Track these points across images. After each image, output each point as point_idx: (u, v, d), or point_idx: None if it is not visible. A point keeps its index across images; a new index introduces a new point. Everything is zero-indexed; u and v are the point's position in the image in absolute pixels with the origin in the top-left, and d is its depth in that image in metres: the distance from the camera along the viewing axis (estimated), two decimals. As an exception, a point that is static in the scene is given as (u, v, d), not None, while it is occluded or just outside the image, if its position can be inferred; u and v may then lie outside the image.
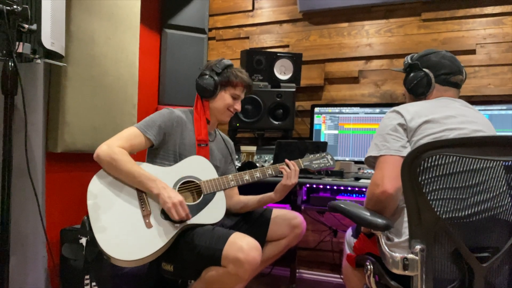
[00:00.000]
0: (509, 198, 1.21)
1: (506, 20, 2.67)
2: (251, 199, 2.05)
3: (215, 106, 2.00)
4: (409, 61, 1.67)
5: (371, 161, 1.48)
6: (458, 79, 1.57)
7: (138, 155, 1.95)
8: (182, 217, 1.67)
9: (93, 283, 2.08)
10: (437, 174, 1.14)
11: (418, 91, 1.60)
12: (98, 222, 1.64)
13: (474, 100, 2.62)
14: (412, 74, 1.62)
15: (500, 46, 2.69)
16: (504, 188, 1.20)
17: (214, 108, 2.00)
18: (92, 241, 1.59)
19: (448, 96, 1.56)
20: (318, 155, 2.02)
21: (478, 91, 2.72)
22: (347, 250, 1.73)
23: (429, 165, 1.12)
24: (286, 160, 1.94)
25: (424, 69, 1.58)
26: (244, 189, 2.11)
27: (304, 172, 2.01)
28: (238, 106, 2.02)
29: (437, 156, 1.11)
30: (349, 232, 1.79)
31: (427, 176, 1.13)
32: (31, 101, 1.94)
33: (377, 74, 3.00)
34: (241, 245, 1.59)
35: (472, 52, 2.75)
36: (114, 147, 1.73)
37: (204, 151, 1.95)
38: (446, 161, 1.12)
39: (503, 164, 1.17)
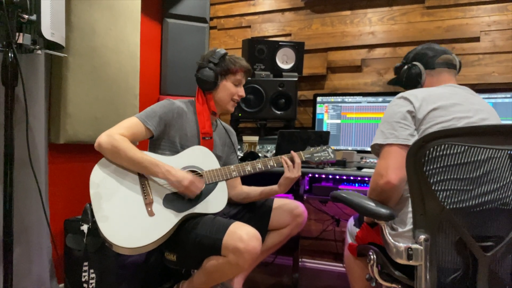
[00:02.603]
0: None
1: (511, 7, 2.64)
2: (253, 190, 2.05)
3: (219, 96, 1.99)
4: (397, 65, 1.75)
5: (377, 149, 1.46)
6: (445, 58, 1.58)
7: (140, 147, 1.94)
8: (197, 193, 1.73)
9: (91, 271, 2.10)
10: (442, 165, 1.13)
11: (411, 83, 1.64)
12: (100, 210, 1.64)
13: (478, 88, 2.60)
14: (401, 72, 1.69)
15: (505, 33, 2.65)
16: (510, 178, 1.19)
17: (218, 99, 2.00)
18: (95, 230, 1.61)
19: (446, 79, 1.56)
20: (319, 148, 2.02)
21: (482, 79, 2.70)
22: (349, 240, 1.74)
23: (435, 155, 1.11)
24: (292, 152, 1.94)
25: (411, 63, 1.65)
26: (248, 180, 2.11)
27: (305, 164, 2.01)
28: (242, 92, 2.02)
29: (443, 146, 1.10)
30: (351, 221, 1.79)
31: (432, 167, 1.12)
32: (33, 92, 1.93)
33: (380, 63, 2.97)
34: (241, 234, 1.60)
35: (476, 39, 2.72)
36: (115, 134, 1.73)
37: (208, 143, 1.95)
38: (452, 152, 1.11)
39: (508, 153, 1.16)
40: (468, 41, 2.72)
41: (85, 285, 2.11)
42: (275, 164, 1.91)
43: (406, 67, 1.66)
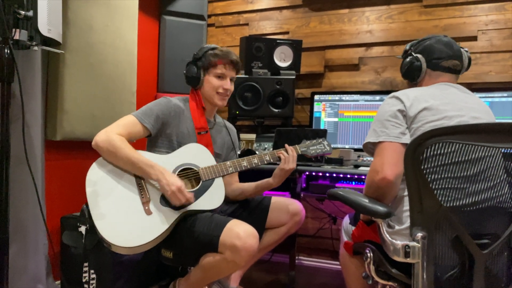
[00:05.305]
0: (508, 186, 1.20)
1: (508, 6, 2.64)
2: (248, 186, 2.04)
3: (204, 92, 1.98)
4: (407, 47, 1.69)
5: (370, 147, 1.47)
6: (450, 63, 1.55)
7: (138, 145, 1.94)
8: (182, 203, 1.67)
9: (92, 271, 2.09)
10: (439, 164, 1.13)
11: (410, 76, 1.62)
12: (97, 210, 1.64)
13: (475, 87, 2.60)
14: (405, 60, 1.64)
15: (502, 32, 2.66)
16: (504, 176, 1.20)
17: (205, 94, 1.98)
18: (92, 229, 1.60)
19: (443, 80, 1.55)
20: (315, 141, 2.02)
21: (479, 78, 2.70)
22: (344, 238, 1.73)
23: (432, 153, 1.11)
24: (286, 145, 1.94)
25: (416, 54, 1.60)
26: (242, 177, 2.11)
27: (301, 158, 2.00)
28: (227, 85, 1.95)
29: (440, 144, 1.10)
30: (346, 219, 1.79)
31: (429, 165, 1.13)
32: (29, 88, 1.92)
33: (377, 61, 2.97)
34: (238, 232, 1.60)
35: (474, 38, 2.72)
36: (113, 134, 1.73)
37: (205, 138, 1.95)
38: (448, 150, 1.12)
39: (502, 151, 1.16)
40: (466, 40, 2.72)
41: (86, 285, 2.10)
42: (271, 159, 1.91)
43: (409, 58, 1.61)
